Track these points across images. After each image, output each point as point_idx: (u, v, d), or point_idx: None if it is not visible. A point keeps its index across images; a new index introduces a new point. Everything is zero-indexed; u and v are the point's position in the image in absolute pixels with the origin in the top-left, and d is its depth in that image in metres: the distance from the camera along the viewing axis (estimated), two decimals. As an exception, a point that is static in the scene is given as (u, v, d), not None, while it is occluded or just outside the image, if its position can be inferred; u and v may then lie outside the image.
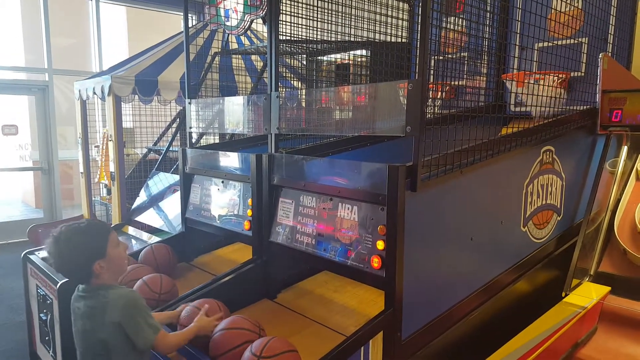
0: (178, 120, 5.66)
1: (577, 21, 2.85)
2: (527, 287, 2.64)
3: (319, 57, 3.67)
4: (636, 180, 2.90)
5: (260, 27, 4.87)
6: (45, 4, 7.06)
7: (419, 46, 1.74)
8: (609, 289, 2.50)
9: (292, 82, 4.36)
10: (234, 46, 4.93)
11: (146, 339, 1.68)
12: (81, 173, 5.48)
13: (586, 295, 2.47)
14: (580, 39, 2.89)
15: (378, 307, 2.01)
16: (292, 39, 2.79)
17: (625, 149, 2.97)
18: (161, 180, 4.64)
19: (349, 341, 1.75)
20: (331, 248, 2.06)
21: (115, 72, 4.81)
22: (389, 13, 3.28)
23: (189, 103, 3.00)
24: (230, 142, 3.44)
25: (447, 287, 2.14)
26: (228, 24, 3.48)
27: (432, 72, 2.40)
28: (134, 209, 4.64)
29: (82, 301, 1.73)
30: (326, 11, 2.89)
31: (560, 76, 2.69)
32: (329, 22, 2.92)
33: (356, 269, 1.96)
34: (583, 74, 2.97)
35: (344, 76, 3.56)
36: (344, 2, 3.00)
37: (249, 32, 4.33)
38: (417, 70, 1.75)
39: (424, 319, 2.03)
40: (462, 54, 2.98)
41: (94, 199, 5.51)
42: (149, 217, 4.28)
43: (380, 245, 1.86)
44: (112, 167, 4.84)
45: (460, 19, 2.59)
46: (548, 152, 2.63)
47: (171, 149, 5.14)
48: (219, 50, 4.34)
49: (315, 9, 2.82)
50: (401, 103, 1.80)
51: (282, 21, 2.55)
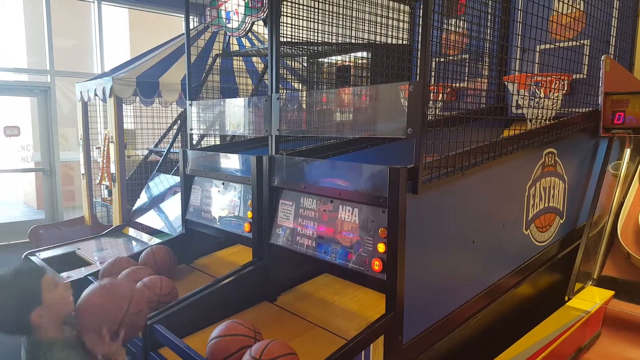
0: (179, 122, 5.66)
1: (579, 23, 2.84)
2: (530, 290, 2.62)
3: (320, 59, 3.66)
4: (639, 183, 2.88)
5: (261, 29, 4.87)
6: (47, 6, 7.07)
7: (420, 48, 1.73)
8: (612, 293, 2.48)
9: (292, 84, 4.36)
10: (235, 48, 4.93)
11: None
12: (82, 174, 5.48)
13: (589, 299, 2.45)
14: (582, 41, 2.88)
15: (379, 310, 1.99)
16: (293, 40, 2.78)
17: (628, 151, 2.95)
18: (162, 182, 4.64)
19: (350, 345, 1.74)
20: (332, 250, 2.05)
21: (116, 73, 4.81)
22: (390, 15, 3.27)
23: (190, 105, 3.00)
24: (230, 144, 3.44)
25: (449, 291, 2.13)
26: (229, 25, 3.48)
27: (433, 74, 2.39)
28: (134, 211, 4.64)
29: (24, 355, 1.61)
30: (327, 13, 2.88)
31: (563, 79, 2.68)
32: (330, 24, 2.91)
33: (357, 271, 1.94)
34: (585, 76, 2.95)
35: (345, 78, 3.55)
36: (344, 4, 2.99)
37: (250, 34, 4.33)
38: (418, 72, 1.74)
39: (426, 322, 2.02)
40: (463, 56, 2.97)
41: (95, 200, 5.51)
42: (149, 219, 4.28)
43: (381, 247, 1.84)
44: (113, 169, 4.84)
45: (462, 21, 2.58)
46: (550, 155, 2.62)
47: (172, 150, 5.14)
48: (220, 52, 4.34)
49: (316, 11, 2.81)
50: (402, 105, 1.79)
51: (283, 23, 2.54)
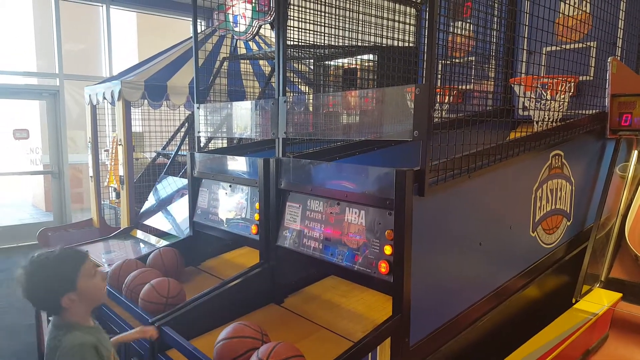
0: (187, 124, 5.70)
1: (586, 25, 2.83)
2: (537, 293, 2.61)
3: (327, 62, 3.68)
4: (647, 185, 2.87)
5: (268, 33, 4.90)
6: (56, 10, 7.16)
7: (426, 51, 1.74)
8: (620, 295, 2.47)
9: (299, 86, 4.38)
10: (242, 51, 4.97)
11: None
12: (91, 177, 5.53)
13: (597, 301, 2.44)
14: (588, 43, 2.87)
15: (386, 312, 2.00)
16: (300, 44, 2.80)
17: (635, 153, 2.94)
18: (170, 184, 4.67)
19: (357, 347, 1.74)
20: (338, 252, 2.06)
21: (125, 77, 4.86)
22: (397, 18, 3.28)
23: (198, 108, 3.02)
24: (238, 147, 3.46)
25: (456, 293, 2.13)
26: (236, 29, 3.51)
27: (439, 76, 2.40)
28: (142, 213, 4.67)
29: (48, 336, 1.63)
30: (333, 16, 2.90)
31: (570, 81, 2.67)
32: (337, 27, 2.93)
33: (363, 273, 1.95)
34: (592, 78, 2.94)
35: (351, 81, 3.56)
36: (351, 7, 3.01)
37: (257, 38, 4.36)
38: (424, 75, 1.75)
39: (432, 324, 2.02)
40: (469, 58, 2.97)
41: (103, 202, 5.56)
42: (157, 221, 4.31)
43: (388, 250, 1.85)
44: (121, 171, 4.88)
45: (468, 24, 2.59)
46: (557, 157, 2.61)
47: (180, 153, 5.17)
48: (228, 55, 4.37)
49: (323, 14, 2.83)
50: (408, 107, 1.80)
51: (290, 26, 2.56)
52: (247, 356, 1.75)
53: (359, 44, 3.16)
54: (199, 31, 3.11)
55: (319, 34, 2.86)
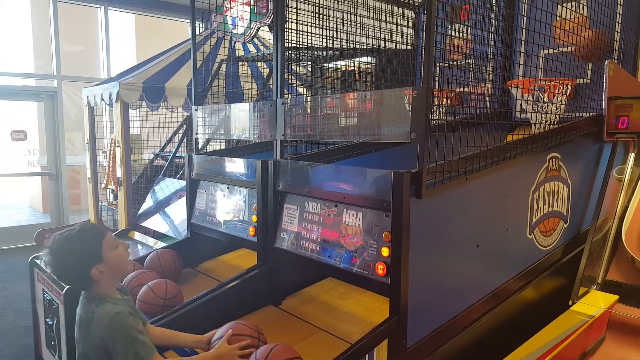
0: (184, 126, 5.70)
1: (583, 28, 2.84)
2: (534, 295, 2.61)
3: (325, 64, 3.69)
4: (644, 187, 2.87)
5: (267, 35, 4.91)
6: (54, 11, 7.16)
7: (424, 53, 1.75)
8: (616, 297, 2.48)
9: (297, 88, 4.38)
10: (241, 53, 4.97)
11: None
12: (88, 178, 5.53)
13: (594, 303, 2.44)
14: (586, 46, 2.88)
15: (383, 314, 2.00)
16: (298, 46, 2.81)
17: (632, 155, 2.95)
18: (167, 186, 4.67)
19: (354, 349, 1.74)
20: (336, 254, 2.06)
21: (123, 78, 4.86)
22: (394, 20, 3.29)
23: (196, 109, 3.02)
24: (235, 148, 3.46)
25: (453, 295, 2.13)
26: (235, 31, 3.52)
27: (437, 78, 2.41)
28: (140, 214, 4.67)
29: (79, 309, 1.71)
30: (332, 19, 2.91)
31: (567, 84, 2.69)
32: (335, 29, 2.94)
33: (361, 275, 1.95)
34: (589, 81, 2.96)
35: (350, 83, 3.57)
36: (349, 9, 3.02)
37: (255, 40, 4.37)
38: (422, 77, 1.76)
39: (430, 326, 2.02)
40: (467, 61, 2.98)
41: (100, 204, 5.55)
42: (155, 223, 4.31)
43: (385, 252, 1.86)
44: (119, 173, 4.88)
45: (465, 27, 2.60)
46: (554, 159, 2.62)
47: (178, 154, 5.17)
48: (226, 57, 4.37)
49: (321, 16, 2.84)
50: (406, 110, 1.81)
51: (288, 28, 2.56)
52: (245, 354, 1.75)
53: (357, 46, 3.16)
54: (197, 33, 3.11)
55: (317, 36, 2.86)
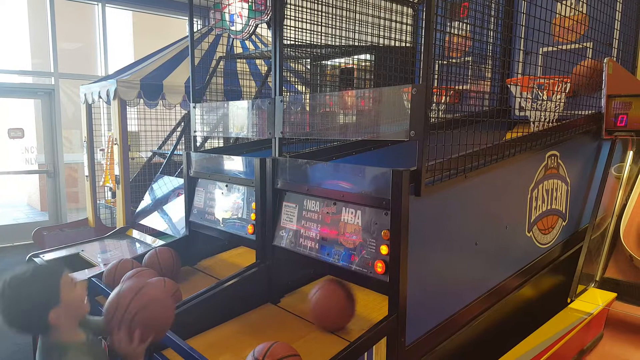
0: (183, 124, 5.68)
1: (582, 26, 2.84)
2: (532, 292, 2.62)
3: (324, 62, 3.68)
4: (642, 185, 2.88)
5: (265, 32, 4.89)
6: (52, 9, 7.12)
7: (423, 51, 1.74)
8: (614, 295, 2.48)
9: (296, 86, 4.37)
10: (239, 51, 4.96)
11: None
12: (86, 176, 5.51)
13: (592, 301, 2.45)
14: (585, 44, 2.89)
15: (382, 312, 2.00)
16: (297, 43, 2.80)
17: (630, 154, 2.95)
18: (165, 184, 4.66)
19: (352, 347, 1.74)
20: (335, 252, 2.06)
21: (120, 76, 4.84)
22: (394, 18, 3.29)
23: (194, 107, 3.01)
24: (234, 146, 3.46)
25: (452, 292, 2.13)
26: (233, 28, 3.50)
27: (436, 76, 2.40)
28: (138, 212, 4.65)
29: (39, 356, 1.56)
30: (331, 16, 2.90)
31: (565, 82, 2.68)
32: (334, 26, 2.93)
33: (360, 273, 1.95)
34: (588, 79, 2.95)
35: (348, 80, 3.56)
36: (348, 7, 3.01)
37: (253, 37, 4.35)
38: (421, 75, 1.75)
39: (428, 324, 2.02)
40: (466, 58, 2.98)
41: (98, 202, 5.53)
42: (153, 221, 4.30)
43: (384, 250, 1.85)
44: (117, 171, 4.86)
45: (465, 24, 2.60)
46: (553, 157, 2.62)
47: (176, 152, 5.16)
48: (224, 54, 4.36)
49: (320, 13, 2.83)
50: (405, 107, 1.80)
51: (287, 26, 2.56)
52: None
53: (356, 43, 3.16)
54: (195, 30, 3.10)
55: (316, 33, 2.86)
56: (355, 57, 3.46)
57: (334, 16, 2.92)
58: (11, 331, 1.50)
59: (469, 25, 2.53)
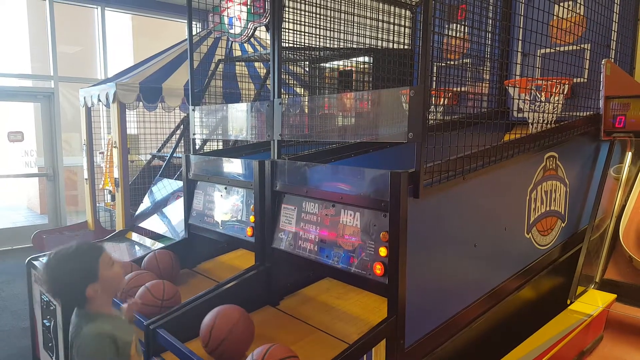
0: (182, 126, 5.69)
1: (580, 28, 2.85)
2: (532, 294, 2.62)
3: (322, 64, 3.68)
4: (641, 186, 2.88)
5: (264, 35, 4.91)
6: (51, 12, 7.14)
7: (420, 53, 1.75)
8: (614, 296, 2.48)
9: (295, 88, 4.38)
10: (238, 53, 4.97)
11: None
12: (86, 179, 5.51)
13: (592, 302, 2.44)
14: (582, 45, 2.89)
15: (381, 314, 2.00)
16: (295, 46, 2.80)
17: (629, 155, 2.95)
18: (165, 187, 4.66)
19: (352, 349, 1.74)
20: (334, 254, 2.06)
21: (119, 79, 4.85)
22: (392, 20, 3.29)
23: (193, 110, 3.02)
24: (233, 149, 3.46)
25: (451, 294, 2.13)
26: (232, 31, 3.51)
27: (434, 78, 2.41)
28: (137, 215, 4.66)
29: (75, 319, 1.71)
30: (329, 19, 2.90)
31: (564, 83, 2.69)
32: (332, 29, 2.93)
33: (359, 275, 1.95)
34: (586, 80, 2.96)
35: (347, 83, 3.57)
36: (346, 9, 3.02)
37: (252, 40, 4.37)
38: (419, 77, 1.75)
39: (428, 326, 2.02)
40: (464, 60, 2.98)
41: (98, 205, 5.54)
42: (152, 223, 4.29)
43: (383, 251, 1.85)
44: (116, 174, 4.87)
45: (463, 26, 2.60)
46: (551, 159, 2.62)
47: (175, 155, 5.16)
48: (223, 57, 4.37)
49: (318, 16, 2.83)
50: (404, 109, 1.81)
51: (285, 29, 2.56)
52: None
53: (355, 46, 3.16)
54: (194, 33, 3.10)
55: (314, 36, 2.86)
56: (354, 59, 3.47)
57: (332, 19, 2.92)
58: (54, 299, 1.68)
59: (466, 27, 2.53)
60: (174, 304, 2.28)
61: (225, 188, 2.75)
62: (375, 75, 3.36)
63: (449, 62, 2.70)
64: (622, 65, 3.15)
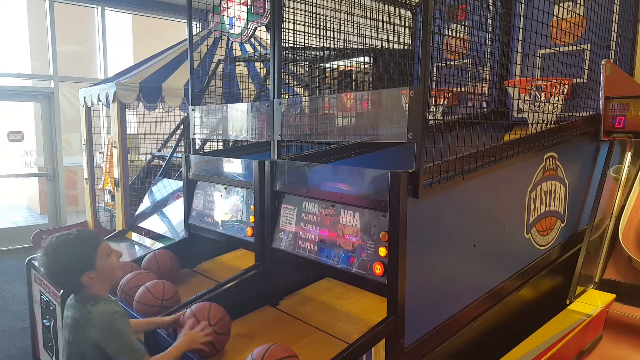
0: (182, 126, 5.69)
1: (579, 28, 2.85)
2: (531, 294, 2.62)
3: (322, 64, 3.69)
4: (640, 186, 2.88)
5: (264, 35, 4.91)
6: (51, 12, 7.14)
7: (420, 53, 1.75)
8: (613, 296, 2.48)
9: (295, 88, 4.38)
10: (238, 53, 4.97)
11: None
12: (85, 179, 5.51)
13: (591, 302, 2.45)
14: (582, 46, 2.90)
15: (381, 314, 2.00)
16: (295, 46, 2.81)
17: (629, 155, 2.96)
18: (165, 187, 4.66)
19: (351, 349, 1.74)
20: (333, 254, 2.06)
21: (119, 79, 4.85)
22: (392, 20, 3.30)
23: (193, 110, 3.02)
24: (233, 149, 3.46)
25: (450, 294, 2.13)
26: (232, 31, 3.51)
27: (434, 78, 2.41)
28: (137, 215, 4.66)
29: (70, 311, 1.72)
30: (329, 19, 2.90)
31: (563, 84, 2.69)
32: (332, 29, 2.94)
33: (358, 275, 1.95)
34: (586, 81, 2.96)
35: (347, 83, 3.57)
36: (346, 9, 3.02)
37: (252, 40, 4.37)
38: (419, 77, 1.76)
39: (427, 326, 2.02)
40: (464, 60, 2.98)
41: (98, 205, 5.54)
42: (152, 223, 4.30)
43: (383, 251, 1.85)
44: (116, 173, 4.87)
45: (463, 26, 2.61)
46: (551, 159, 2.63)
47: (175, 155, 5.16)
48: (223, 57, 4.37)
49: (318, 16, 2.83)
50: (403, 109, 1.81)
51: (285, 29, 2.56)
52: None
53: (355, 46, 3.16)
54: (194, 33, 3.11)
55: (314, 36, 2.86)
56: (354, 59, 3.47)
57: (332, 19, 2.92)
58: (51, 283, 1.71)
59: (466, 28, 2.53)
60: (173, 303, 2.28)
61: (225, 188, 2.75)
62: (375, 76, 3.36)
63: (448, 62, 2.70)
64: (622, 65, 3.15)
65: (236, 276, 2.35)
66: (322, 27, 2.86)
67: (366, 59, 3.46)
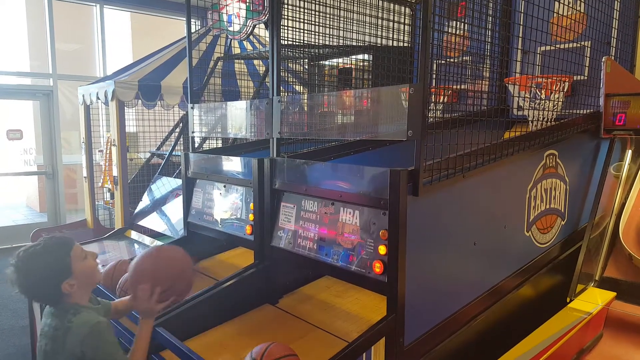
0: (181, 124, 5.68)
1: (580, 25, 2.84)
2: (531, 292, 2.61)
3: (321, 62, 3.67)
4: (641, 184, 2.87)
5: (263, 32, 4.88)
6: (50, 10, 7.12)
7: (420, 50, 1.74)
8: (614, 294, 2.48)
9: (294, 86, 4.37)
10: (237, 51, 4.95)
11: None
12: (85, 177, 5.50)
13: (591, 300, 2.44)
14: (583, 43, 2.88)
15: (381, 312, 1.99)
16: (294, 43, 2.79)
17: (629, 152, 2.95)
18: (164, 185, 4.65)
19: (351, 347, 1.74)
20: (333, 253, 2.05)
21: (118, 77, 4.83)
22: (391, 17, 3.28)
23: (192, 108, 3.01)
24: (232, 147, 3.45)
25: (450, 292, 2.13)
26: (231, 29, 3.50)
27: (434, 76, 2.40)
28: (137, 213, 4.65)
29: (49, 319, 1.65)
30: (328, 16, 2.89)
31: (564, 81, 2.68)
32: (331, 26, 2.92)
33: (358, 274, 1.94)
34: (586, 78, 2.95)
35: (346, 80, 3.56)
36: (346, 6, 3.00)
37: (251, 37, 4.35)
38: (419, 75, 1.75)
39: (427, 324, 2.02)
40: (464, 58, 2.97)
41: (97, 203, 5.53)
42: (151, 222, 4.29)
43: (382, 250, 1.85)
44: (115, 172, 4.85)
45: (463, 23, 2.59)
46: (551, 156, 2.62)
47: (174, 153, 5.15)
48: (222, 55, 4.35)
49: (318, 13, 2.82)
50: (403, 107, 1.80)
51: (284, 26, 2.55)
52: None
53: (354, 43, 3.15)
54: (192, 31, 3.09)
55: (313, 33, 2.85)
56: (353, 57, 3.46)
57: (331, 16, 2.91)
58: (29, 299, 1.60)
59: (466, 25, 2.52)
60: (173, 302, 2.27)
61: (224, 186, 2.74)
62: (375, 73, 3.35)
63: (448, 59, 2.68)
64: (623, 62, 3.14)
65: (235, 274, 2.34)
66: (321, 24, 2.85)
67: (365, 56, 3.45)
